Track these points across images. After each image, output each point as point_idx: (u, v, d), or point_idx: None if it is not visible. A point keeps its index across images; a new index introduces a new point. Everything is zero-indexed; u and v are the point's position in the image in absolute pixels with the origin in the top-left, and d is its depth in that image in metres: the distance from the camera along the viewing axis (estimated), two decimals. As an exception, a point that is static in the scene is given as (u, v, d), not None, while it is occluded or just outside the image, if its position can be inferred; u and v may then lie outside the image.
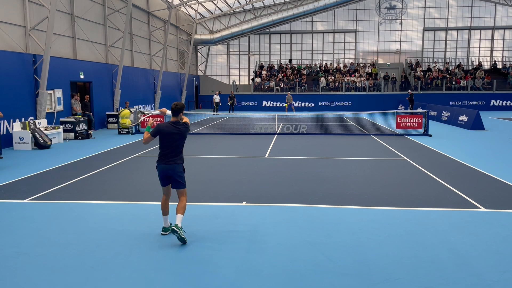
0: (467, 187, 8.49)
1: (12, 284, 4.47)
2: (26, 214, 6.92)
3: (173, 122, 5.66)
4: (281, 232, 5.98)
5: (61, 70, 17.62)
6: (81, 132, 16.87)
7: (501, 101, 34.06)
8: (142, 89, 26.90)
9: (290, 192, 8.20)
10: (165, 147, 5.61)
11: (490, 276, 4.58)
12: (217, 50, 43.19)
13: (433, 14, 40.62)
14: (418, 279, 4.51)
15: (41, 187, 8.69)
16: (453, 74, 37.16)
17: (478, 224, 6.30)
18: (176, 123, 5.66)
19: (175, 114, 5.70)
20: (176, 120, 5.70)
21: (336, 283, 4.44)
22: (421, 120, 18.06)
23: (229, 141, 16.00)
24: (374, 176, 9.61)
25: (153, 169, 10.33)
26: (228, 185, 8.87)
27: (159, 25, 30.32)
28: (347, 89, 36.34)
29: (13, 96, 14.55)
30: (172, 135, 5.58)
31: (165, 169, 5.61)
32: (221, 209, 7.10)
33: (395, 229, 6.07)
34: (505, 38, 40.41)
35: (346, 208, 7.16)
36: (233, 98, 31.94)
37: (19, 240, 5.72)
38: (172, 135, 5.58)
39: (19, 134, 14.01)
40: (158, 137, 5.67)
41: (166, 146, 5.60)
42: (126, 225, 6.34)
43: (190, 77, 38.15)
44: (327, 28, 41.62)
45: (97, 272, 4.75)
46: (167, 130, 5.59)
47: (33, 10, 16.41)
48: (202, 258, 5.09)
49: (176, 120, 5.70)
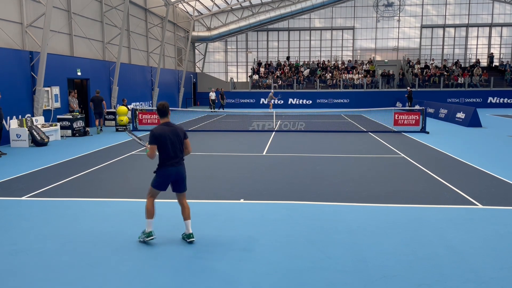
0: (464, 184, 8.52)
1: (10, 281, 4.46)
2: (23, 211, 6.91)
3: (165, 124, 5.41)
4: (278, 229, 5.99)
5: (58, 67, 17.54)
6: (79, 130, 16.84)
7: (498, 98, 34.14)
8: (140, 86, 26.83)
9: (288, 189, 8.20)
10: (167, 150, 5.32)
11: (487, 272, 4.60)
12: (214, 47, 43.10)
13: (430, 11, 40.63)
14: (415, 276, 4.52)
15: (38, 184, 8.66)
16: (450, 71, 37.21)
17: (475, 221, 6.32)
18: (168, 124, 5.41)
19: (163, 115, 5.41)
20: (167, 121, 5.44)
21: (333, 280, 4.45)
22: (418, 117, 18.08)
23: (226, 139, 15.99)
24: (372, 173, 9.63)
25: (151, 166, 10.31)
26: (226, 183, 8.87)
27: (156, 22, 30.22)
28: (345, 87, 36.36)
29: (10, 93, 14.48)
30: (171, 136, 5.33)
31: (174, 172, 5.35)
32: (219, 207, 7.10)
33: (392, 226, 6.09)
34: (502, 35, 40.46)
35: (344, 205, 7.17)
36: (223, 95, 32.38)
37: (16, 238, 5.70)
38: (171, 136, 5.33)
39: (16, 131, 13.96)
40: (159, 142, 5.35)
41: (168, 148, 5.32)
42: (124, 222, 6.33)
43: (188, 74, 38.07)
44: (325, 25, 41.59)
45: (95, 269, 4.74)
46: (165, 133, 5.32)
47: (30, 6, 16.33)
48: (200, 256, 5.09)
49: (168, 121, 5.44)
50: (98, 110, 18.21)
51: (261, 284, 4.38)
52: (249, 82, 39.14)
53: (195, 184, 8.67)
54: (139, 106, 25.82)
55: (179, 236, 5.70)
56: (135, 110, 19.13)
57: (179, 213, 5.98)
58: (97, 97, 18.21)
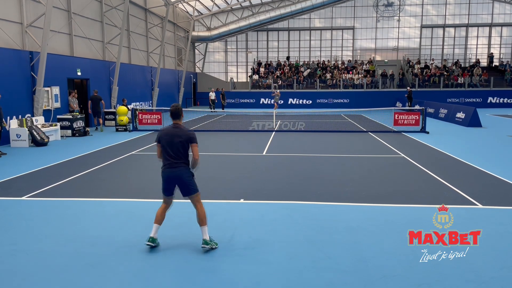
0: (464, 184, 8.51)
1: (9, 281, 4.46)
2: (23, 211, 6.91)
3: (174, 125, 5.34)
4: (278, 229, 5.98)
5: (58, 67, 17.54)
6: (79, 129, 16.83)
7: (498, 98, 34.14)
8: (140, 86, 26.83)
9: (288, 189, 8.20)
10: (166, 151, 5.23)
11: (487, 272, 4.60)
12: (214, 47, 43.09)
13: (430, 11, 40.62)
14: (415, 276, 4.52)
15: (38, 184, 8.66)
16: (450, 71, 37.21)
17: (475, 221, 6.32)
18: (176, 125, 5.32)
19: (173, 116, 5.34)
20: (176, 123, 5.34)
21: (333, 280, 4.45)
22: (418, 117, 18.08)
23: (226, 138, 15.99)
24: (372, 173, 9.63)
25: (151, 166, 10.33)
26: (226, 182, 8.87)
27: (156, 22, 30.22)
28: (345, 86, 36.35)
29: (10, 93, 14.47)
30: (173, 138, 5.20)
31: (169, 174, 5.23)
32: (219, 206, 7.10)
33: (392, 226, 6.09)
34: (502, 35, 40.46)
35: (344, 205, 7.17)
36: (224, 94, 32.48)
37: (16, 238, 5.70)
38: (173, 138, 5.20)
39: (16, 131, 13.96)
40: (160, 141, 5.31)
41: (167, 150, 5.23)
42: (124, 222, 6.33)
43: (188, 74, 38.06)
44: (325, 25, 41.57)
45: (95, 269, 4.74)
46: (167, 133, 5.26)
47: (30, 6, 16.33)
48: (200, 256, 5.09)
49: (177, 123, 5.34)
50: (96, 109, 18.69)
51: (261, 284, 4.38)
52: (249, 82, 39.13)
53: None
54: (139, 106, 25.81)
55: (179, 236, 5.70)
56: (135, 110, 19.14)
57: (180, 213, 6.00)
58: (95, 96, 18.66)
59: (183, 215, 6.43)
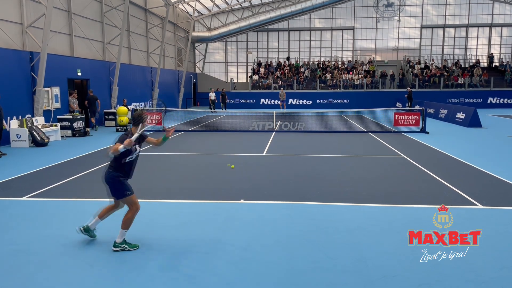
0: (464, 184, 8.51)
1: (10, 281, 4.46)
2: (24, 211, 6.91)
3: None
4: (278, 229, 5.99)
5: (58, 67, 17.54)
6: (79, 130, 16.84)
7: (498, 99, 34.13)
8: (140, 86, 26.83)
9: (288, 190, 8.20)
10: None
11: (487, 272, 4.60)
12: (214, 47, 43.10)
13: (430, 11, 40.64)
14: (415, 276, 4.53)
15: (38, 185, 8.66)
16: (450, 71, 37.21)
17: (475, 221, 6.32)
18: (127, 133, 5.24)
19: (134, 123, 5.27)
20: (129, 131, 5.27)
21: (333, 280, 4.45)
22: (418, 118, 18.08)
23: (226, 139, 15.99)
24: (372, 174, 9.63)
25: (150, 167, 10.34)
26: (226, 183, 8.87)
27: (156, 22, 30.23)
28: (345, 87, 36.36)
29: (10, 94, 14.47)
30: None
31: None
32: (219, 207, 7.10)
33: (392, 226, 6.09)
34: (502, 35, 40.47)
35: (344, 205, 7.17)
36: (225, 95, 32.40)
37: (16, 238, 5.70)
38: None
39: (16, 131, 13.96)
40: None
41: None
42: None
43: (188, 75, 38.07)
44: (325, 26, 41.59)
45: (95, 269, 4.75)
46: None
47: (30, 7, 16.33)
48: (200, 256, 5.09)
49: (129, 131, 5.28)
50: (92, 108, 19.23)
51: (261, 284, 4.38)
52: (249, 82, 39.14)
53: (194, 184, 8.69)
54: (139, 106, 25.81)
55: (179, 236, 5.70)
56: (135, 111, 19.11)
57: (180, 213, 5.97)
58: (92, 96, 19.16)
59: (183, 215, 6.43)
